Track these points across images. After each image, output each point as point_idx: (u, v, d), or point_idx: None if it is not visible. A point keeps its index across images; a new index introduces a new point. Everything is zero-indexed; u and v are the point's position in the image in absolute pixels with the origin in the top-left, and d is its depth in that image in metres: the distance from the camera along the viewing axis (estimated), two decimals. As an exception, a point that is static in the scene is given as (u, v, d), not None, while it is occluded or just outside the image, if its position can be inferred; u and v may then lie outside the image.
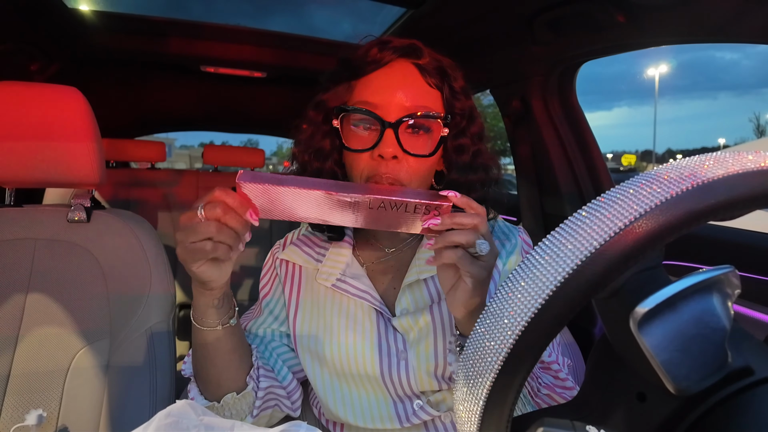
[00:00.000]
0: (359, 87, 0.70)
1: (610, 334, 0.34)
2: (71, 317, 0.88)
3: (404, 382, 0.71)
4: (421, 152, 0.68)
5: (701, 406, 0.31)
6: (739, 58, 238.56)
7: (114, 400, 0.87)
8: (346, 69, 0.73)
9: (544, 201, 1.63)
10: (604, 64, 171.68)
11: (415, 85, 0.69)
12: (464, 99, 0.73)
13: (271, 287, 0.83)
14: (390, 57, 0.69)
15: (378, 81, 0.69)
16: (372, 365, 0.72)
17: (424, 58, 0.70)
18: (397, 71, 0.69)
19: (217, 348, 0.65)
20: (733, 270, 0.30)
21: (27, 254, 0.90)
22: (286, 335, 0.81)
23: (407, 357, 0.71)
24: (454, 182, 0.74)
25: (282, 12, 1.78)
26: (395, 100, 0.67)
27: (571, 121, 1.50)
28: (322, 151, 0.75)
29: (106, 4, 1.56)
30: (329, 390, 0.75)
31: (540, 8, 1.16)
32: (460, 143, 0.73)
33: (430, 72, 0.70)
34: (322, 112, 0.75)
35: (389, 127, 0.66)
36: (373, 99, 0.68)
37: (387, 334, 0.73)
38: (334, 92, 0.73)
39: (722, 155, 0.28)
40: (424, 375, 0.71)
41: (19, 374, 0.85)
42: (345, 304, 0.76)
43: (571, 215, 0.29)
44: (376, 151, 0.67)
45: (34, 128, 0.85)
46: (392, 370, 0.71)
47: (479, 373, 0.31)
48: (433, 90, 0.70)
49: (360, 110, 0.68)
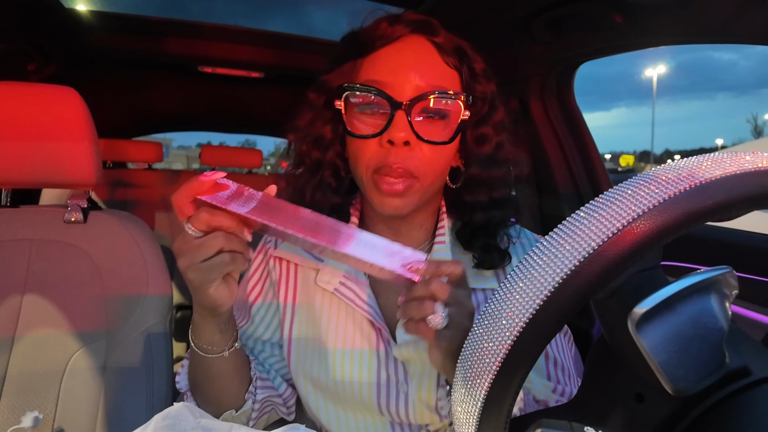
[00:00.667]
0: (366, 65, 0.62)
1: (608, 334, 0.34)
2: (68, 318, 0.88)
3: (402, 414, 0.65)
4: (437, 139, 0.60)
5: (699, 407, 0.31)
6: (737, 59, 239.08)
7: (111, 401, 0.86)
8: (352, 45, 0.64)
9: (543, 202, 1.63)
10: (603, 64, 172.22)
11: (430, 63, 0.61)
12: (486, 82, 0.65)
13: (261, 291, 0.74)
14: (402, 31, 0.61)
15: (388, 58, 0.61)
16: (369, 395, 0.65)
17: (440, 35, 0.62)
18: (411, 47, 0.61)
19: (220, 372, 0.61)
20: (731, 271, 0.30)
21: (23, 255, 0.90)
22: (278, 346, 0.73)
23: (407, 390, 0.64)
24: (474, 179, 0.66)
25: (280, 12, 1.78)
26: (408, 79, 0.59)
27: (569, 122, 1.51)
28: (323, 139, 0.66)
29: (103, 4, 1.55)
30: (323, 411, 0.68)
31: (538, 9, 1.16)
32: (481, 132, 0.65)
33: (448, 51, 0.62)
34: (324, 94, 0.66)
35: (400, 108, 0.58)
36: (383, 78, 0.59)
37: (387, 362, 0.65)
38: (338, 72, 0.65)
39: (720, 156, 0.28)
40: (425, 410, 0.64)
41: (16, 376, 0.84)
42: (342, 322, 0.68)
43: (569, 216, 0.29)
44: (385, 136, 0.58)
45: (30, 128, 0.85)
46: (390, 401, 0.65)
47: (477, 374, 0.30)
48: (451, 70, 0.62)
49: (367, 88, 0.59)
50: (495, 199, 0.66)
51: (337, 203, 0.68)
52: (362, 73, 0.62)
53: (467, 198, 0.67)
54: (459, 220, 0.70)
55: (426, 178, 0.61)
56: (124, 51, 1.78)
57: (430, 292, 0.48)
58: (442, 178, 0.66)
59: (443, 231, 0.69)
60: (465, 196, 0.67)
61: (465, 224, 0.68)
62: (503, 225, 0.69)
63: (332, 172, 0.68)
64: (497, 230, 0.68)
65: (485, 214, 0.66)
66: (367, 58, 0.62)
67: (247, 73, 1.99)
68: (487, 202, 0.66)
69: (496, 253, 0.67)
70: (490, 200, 0.66)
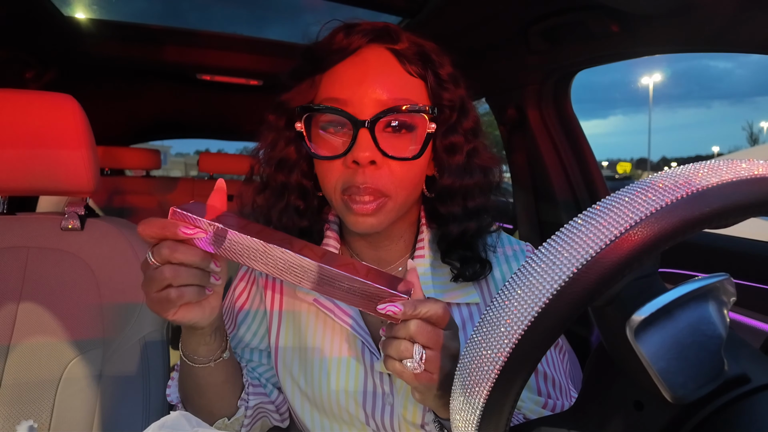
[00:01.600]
0: (325, 81, 0.60)
1: (607, 342, 0.34)
2: (64, 326, 0.88)
3: (387, 425, 0.63)
4: (404, 155, 0.58)
5: (698, 414, 0.31)
6: (732, 67, 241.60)
7: (107, 410, 0.85)
8: (308, 62, 0.61)
9: (540, 209, 1.63)
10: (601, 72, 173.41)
11: (392, 74, 0.58)
12: (453, 88, 0.62)
13: (248, 297, 0.73)
14: (359, 42, 0.58)
15: (347, 73, 0.58)
16: (355, 406, 0.64)
17: (401, 42, 0.59)
18: (369, 59, 0.58)
19: (209, 382, 0.60)
20: (729, 278, 0.30)
21: (19, 262, 0.89)
22: (266, 354, 0.72)
23: (393, 402, 0.63)
24: (447, 189, 0.63)
25: (278, 20, 1.79)
26: (369, 94, 0.56)
27: (566, 129, 1.51)
28: (287, 161, 0.64)
29: (102, 12, 1.56)
30: (308, 419, 0.67)
31: (535, 17, 1.17)
32: (451, 141, 0.62)
33: (410, 58, 0.59)
34: (283, 115, 0.64)
35: (363, 126, 0.55)
36: (342, 95, 0.57)
37: (373, 372, 0.64)
38: (296, 90, 0.62)
39: (716, 163, 0.28)
40: (410, 423, 0.62)
41: (10, 384, 0.84)
42: (329, 330, 0.67)
43: (566, 223, 0.29)
44: (349, 157, 0.56)
45: (28, 135, 0.85)
46: (376, 413, 0.63)
47: (476, 382, 0.30)
48: (415, 79, 0.59)
49: (327, 108, 0.57)
50: (470, 210, 0.64)
51: (306, 227, 0.66)
52: (321, 91, 0.60)
53: (441, 210, 0.65)
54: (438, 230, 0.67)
55: (398, 195, 0.59)
56: (123, 59, 1.78)
57: (409, 334, 0.45)
58: (417, 190, 0.63)
59: (422, 245, 0.67)
60: (439, 208, 0.65)
61: (442, 236, 0.66)
62: (481, 234, 0.66)
63: (299, 195, 0.66)
64: (475, 241, 0.66)
65: (460, 226, 0.64)
66: (326, 74, 0.60)
67: (245, 81, 1.99)
68: (461, 213, 0.64)
69: (477, 264, 0.64)
70: (465, 211, 0.64)
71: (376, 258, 0.69)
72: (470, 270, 0.64)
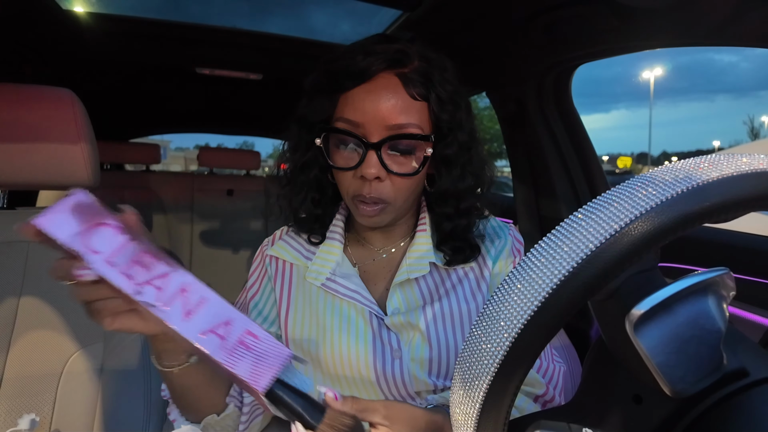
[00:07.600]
0: (342, 103, 0.68)
1: (606, 336, 0.34)
2: (64, 320, 0.88)
3: (399, 381, 0.69)
4: (405, 171, 0.67)
5: (697, 408, 0.31)
6: (737, 60, 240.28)
7: (108, 404, 0.86)
8: (327, 80, 0.69)
9: (540, 203, 1.63)
10: (603, 66, 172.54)
11: (399, 100, 0.65)
12: (452, 110, 0.69)
13: (260, 285, 0.79)
14: (377, 67, 0.65)
15: (360, 98, 0.66)
16: (366, 366, 0.69)
17: (411, 63, 0.67)
18: (381, 87, 0.65)
19: (183, 384, 0.61)
20: (728, 272, 0.30)
21: (20, 257, 0.89)
22: (276, 336, 0.77)
23: (401, 356, 0.70)
24: (443, 193, 0.73)
25: (279, 13, 1.78)
26: (378, 121, 0.65)
27: (566, 124, 1.51)
28: (307, 163, 0.74)
29: (101, 6, 1.55)
30: None
31: (536, 11, 1.16)
32: (447, 155, 0.71)
33: (414, 82, 0.66)
34: (304, 127, 0.73)
35: (371, 148, 0.65)
36: (355, 117, 0.65)
37: (381, 332, 0.71)
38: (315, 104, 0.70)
39: (717, 158, 0.28)
40: (418, 374, 0.69)
41: (12, 378, 0.84)
42: (338, 303, 0.74)
43: (567, 217, 0.29)
44: (358, 171, 0.67)
45: (28, 130, 0.85)
46: (386, 369, 0.69)
47: (476, 376, 0.30)
48: (419, 102, 0.67)
49: (341, 131, 0.67)
50: (462, 209, 0.74)
51: (320, 214, 0.77)
52: (338, 110, 0.68)
53: (436, 209, 0.75)
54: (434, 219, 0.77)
55: (398, 201, 0.69)
56: (122, 52, 1.77)
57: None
58: (415, 193, 0.73)
59: (424, 221, 0.77)
60: (434, 207, 0.76)
61: (436, 229, 0.76)
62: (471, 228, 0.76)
63: (316, 189, 0.76)
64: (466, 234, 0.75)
65: (452, 223, 0.74)
66: (343, 96, 0.68)
67: (245, 75, 1.98)
68: (454, 212, 0.74)
69: (467, 251, 0.75)
70: (458, 211, 0.74)
71: (381, 237, 0.79)
72: (461, 257, 0.75)
